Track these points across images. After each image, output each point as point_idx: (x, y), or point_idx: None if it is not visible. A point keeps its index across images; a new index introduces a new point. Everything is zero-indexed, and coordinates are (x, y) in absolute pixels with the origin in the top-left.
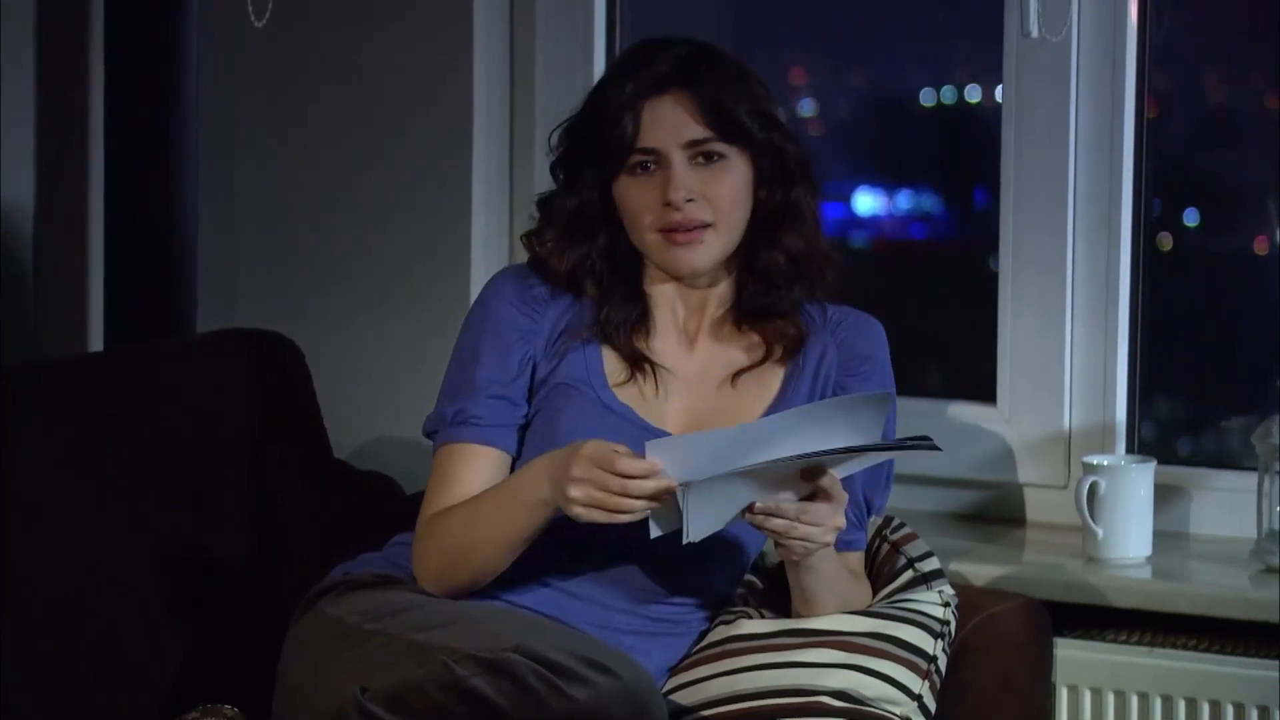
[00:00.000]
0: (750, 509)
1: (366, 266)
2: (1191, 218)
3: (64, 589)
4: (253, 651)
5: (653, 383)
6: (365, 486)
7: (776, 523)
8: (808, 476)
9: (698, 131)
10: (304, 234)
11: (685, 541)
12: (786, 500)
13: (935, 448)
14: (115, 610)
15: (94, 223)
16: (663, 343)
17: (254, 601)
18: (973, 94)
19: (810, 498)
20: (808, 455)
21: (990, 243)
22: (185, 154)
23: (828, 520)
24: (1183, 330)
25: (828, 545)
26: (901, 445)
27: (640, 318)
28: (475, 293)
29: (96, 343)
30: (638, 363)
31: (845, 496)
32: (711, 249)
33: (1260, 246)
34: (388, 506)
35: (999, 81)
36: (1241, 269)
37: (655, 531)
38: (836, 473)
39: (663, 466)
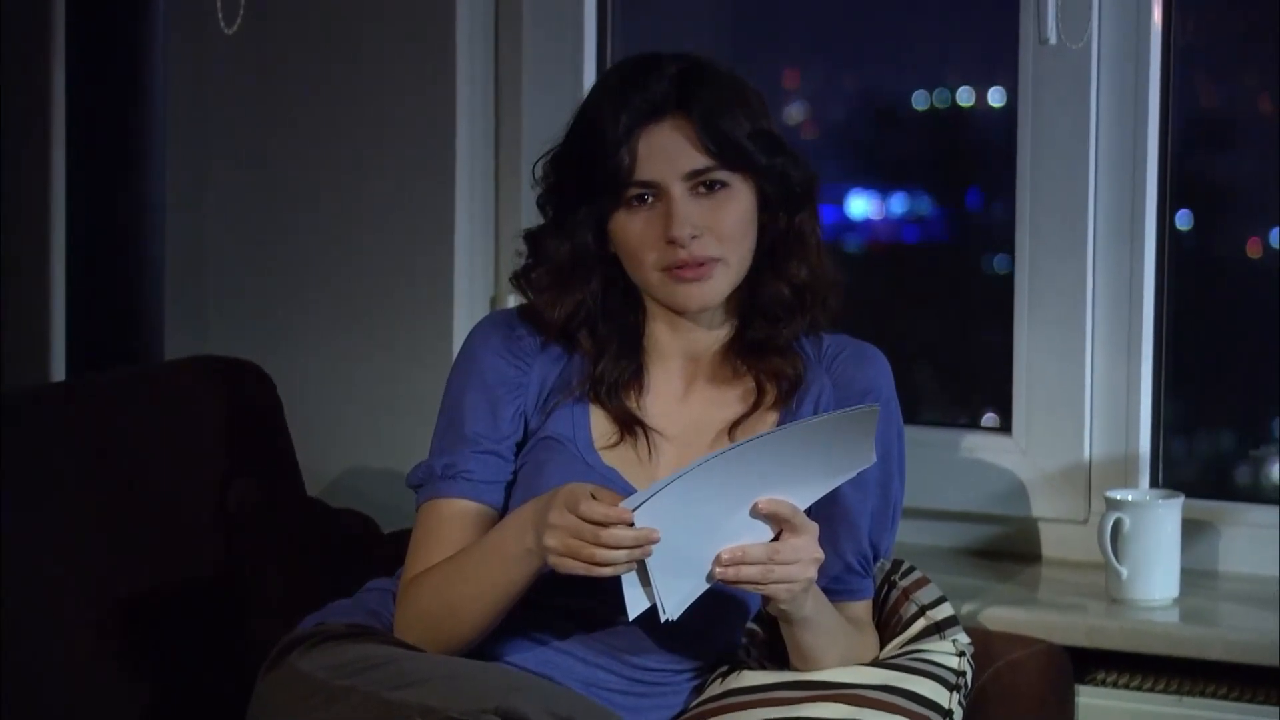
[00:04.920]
0: (719, 561)
1: (342, 291)
2: (1184, 220)
3: (16, 633)
4: (219, 703)
5: (644, 445)
6: (340, 525)
7: (749, 571)
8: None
9: (699, 161)
10: (276, 257)
11: (664, 620)
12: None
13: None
14: (71, 656)
15: (56, 244)
16: (656, 400)
17: (220, 648)
18: (965, 97)
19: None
20: (724, 451)
21: (984, 245)
22: (151, 172)
23: (803, 554)
24: (1202, 348)
25: (811, 579)
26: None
27: (635, 374)
28: (458, 318)
29: (58, 371)
30: (628, 425)
31: (814, 526)
32: (720, 284)
33: (1253, 249)
34: (364, 546)
35: (992, 84)
36: (1237, 273)
37: (633, 611)
38: (801, 497)
39: (639, 519)
